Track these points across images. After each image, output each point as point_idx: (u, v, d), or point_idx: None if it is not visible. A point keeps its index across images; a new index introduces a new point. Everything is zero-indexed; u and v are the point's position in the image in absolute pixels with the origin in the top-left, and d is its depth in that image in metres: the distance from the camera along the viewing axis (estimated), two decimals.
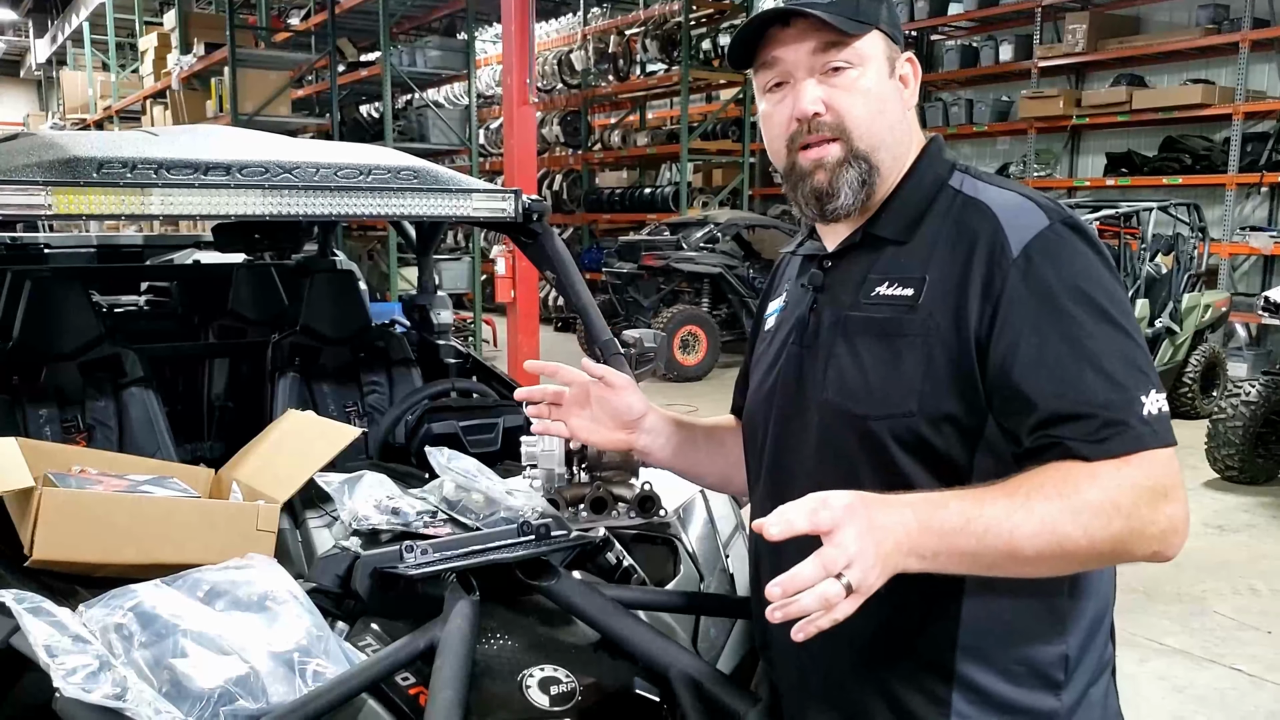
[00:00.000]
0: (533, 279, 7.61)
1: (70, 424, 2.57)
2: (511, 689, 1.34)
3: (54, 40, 18.63)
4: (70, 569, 1.57)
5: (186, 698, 1.19)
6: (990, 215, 1.15)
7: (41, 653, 1.16)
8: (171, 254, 4.61)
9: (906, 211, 1.21)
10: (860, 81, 1.18)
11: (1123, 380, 1.05)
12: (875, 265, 1.22)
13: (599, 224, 14.04)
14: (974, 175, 1.23)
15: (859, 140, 1.19)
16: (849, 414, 1.17)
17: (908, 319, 1.15)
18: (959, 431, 1.12)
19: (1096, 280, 1.10)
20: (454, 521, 1.66)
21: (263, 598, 1.35)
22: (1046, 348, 1.07)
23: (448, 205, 2.41)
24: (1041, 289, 1.09)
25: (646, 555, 1.84)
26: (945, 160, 1.25)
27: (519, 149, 7.44)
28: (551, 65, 13.35)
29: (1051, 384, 1.06)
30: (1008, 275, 1.10)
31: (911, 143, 1.24)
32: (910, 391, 1.13)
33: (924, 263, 1.17)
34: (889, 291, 1.18)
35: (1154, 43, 9.21)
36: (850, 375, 1.18)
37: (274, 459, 1.97)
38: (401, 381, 3.03)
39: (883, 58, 1.19)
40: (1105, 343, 1.06)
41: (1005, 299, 1.09)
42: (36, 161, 2.03)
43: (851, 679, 1.21)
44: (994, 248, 1.12)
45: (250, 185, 2.14)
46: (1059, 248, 1.11)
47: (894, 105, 1.21)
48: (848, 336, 1.20)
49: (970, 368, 1.11)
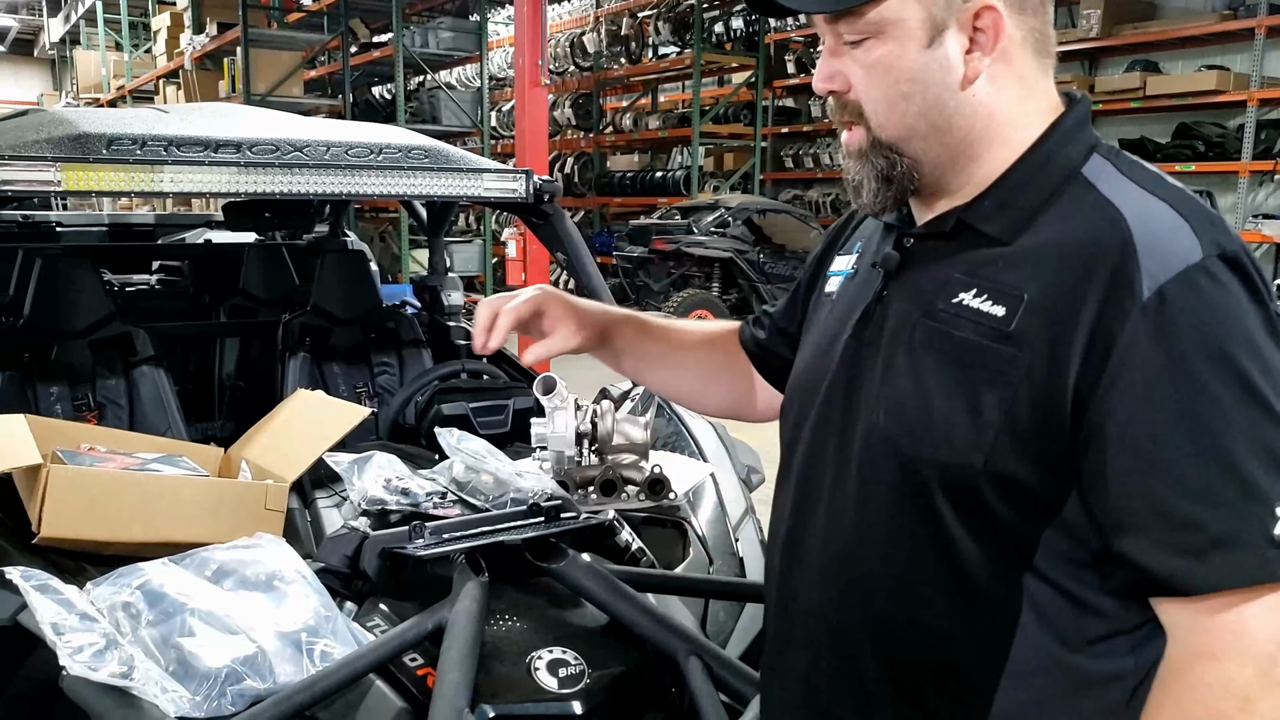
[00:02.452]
0: (544, 262, 7.59)
1: (81, 402, 2.57)
2: (520, 671, 1.33)
3: (67, 20, 18.63)
4: (78, 546, 1.57)
5: (193, 677, 1.19)
6: (1122, 228, 0.87)
7: (48, 630, 1.16)
8: (183, 233, 4.61)
9: (1018, 204, 0.94)
10: (876, 57, 0.95)
11: (1260, 484, 0.80)
12: (965, 262, 0.96)
13: (610, 207, 14.00)
14: (1120, 166, 0.95)
15: (878, 130, 0.97)
16: (897, 448, 0.95)
17: (992, 349, 0.90)
18: (1027, 502, 0.90)
19: (1251, 343, 0.83)
20: (463, 503, 1.66)
21: (270, 577, 1.35)
22: (1162, 432, 0.83)
23: (459, 185, 2.39)
24: (1173, 349, 0.82)
25: (656, 538, 1.82)
26: (1083, 139, 0.97)
27: (530, 131, 7.41)
28: (564, 47, 13.29)
29: (1155, 488, 0.82)
30: (1129, 319, 0.84)
31: (994, 121, 0.96)
32: (980, 439, 0.90)
33: (1027, 275, 0.90)
34: (976, 304, 0.93)
35: (1169, 28, 9.08)
36: (908, 400, 0.95)
37: (283, 438, 1.96)
38: (412, 362, 3.02)
39: (915, 23, 0.92)
40: (1245, 430, 0.81)
41: (1120, 352, 0.84)
42: (46, 138, 2.03)
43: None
44: (1117, 277, 0.85)
45: (260, 163, 2.13)
46: (1210, 294, 0.83)
47: (932, 83, 0.94)
48: (914, 349, 0.96)
49: (1060, 427, 0.87)
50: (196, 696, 1.17)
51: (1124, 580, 0.86)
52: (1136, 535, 0.83)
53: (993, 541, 0.92)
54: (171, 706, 1.15)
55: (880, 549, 0.98)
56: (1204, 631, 0.82)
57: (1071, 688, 0.93)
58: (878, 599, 0.99)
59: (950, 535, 0.93)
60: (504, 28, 13.94)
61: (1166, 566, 0.82)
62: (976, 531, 0.92)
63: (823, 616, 1.04)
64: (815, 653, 1.05)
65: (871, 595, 1.00)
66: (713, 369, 1.36)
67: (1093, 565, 0.89)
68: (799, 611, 1.07)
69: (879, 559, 0.98)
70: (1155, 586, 0.84)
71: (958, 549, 0.93)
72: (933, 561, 0.95)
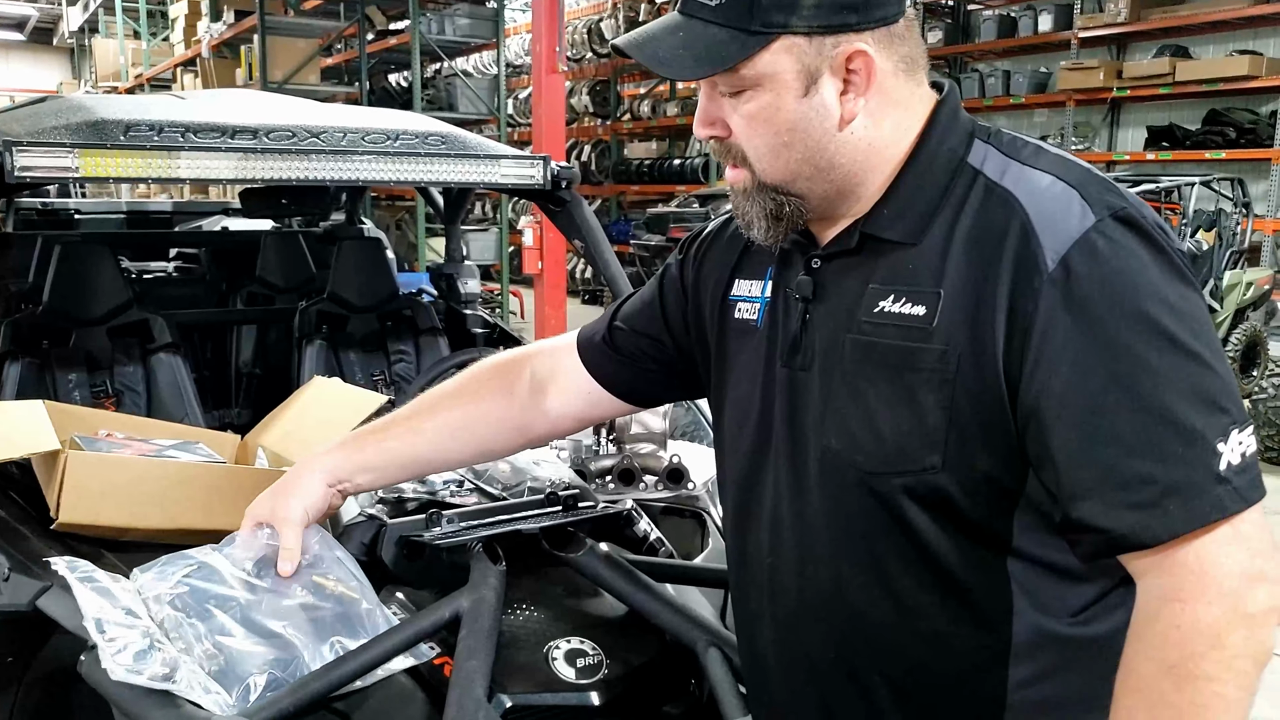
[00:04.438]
0: (560, 250, 7.58)
1: (99, 389, 2.58)
2: (537, 660, 1.32)
3: (85, 8, 18.74)
4: (96, 532, 1.56)
5: (232, 679, 1.16)
6: (1017, 210, 0.90)
7: (92, 627, 1.14)
8: (200, 221, 4.62)
9: (913, 206, 0.96)
10: (755, 108, 0.95)
11: (1197, 426, 0.83)
12: (878, 271, 0.97)
13: (627, 195, 13.96)
14: (1000, 146, 0.97)
15: (763, 175, 0.98)
16: (855, 468, 0.96)
17: (921, 350, 0.91)
18: (992, 491, 0.92)
19: (1159, 294, 0.85)
20: (480, 491, 1.65)
21: (309, 568, 1.31)
22: (1095, 400, 0.85)
23: (476, 171, 2.38)
24: (1088, 315, 0.85)
25: (674, 528, 1.81)
26: (959, 128, 0.99)
27: (547, 118, 7.39)
28: (581, 34, 13.23)
29: (1100, 454, 0.84)
30: (1040, 295, 0.86)
31: (875, 149, 0.97)
32: (931, 442, 0.91)
33: (938, 272, 0.92)
34: (896, 309, 0.94)
35: (1199, 12, 8.95)
36: (854, 419, 0.96)
37: (300, 425, 1.96)
38: (428, 350, 3.02)
39: (790, 75, 0.93)
40: (1173, 379, 0.84)
41: (1038, 328, 0.86)
42: (65, 124, 2.03)
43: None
44: (1022, 257, 0.88)
45: (277, 149, 2.12)
46: (1110, 255, 0.86)
47: (812, 131, 0.94)
48: (847, 366, 0.97)
49: (1001, 413, 0.89)
50: (233, 699, 1.14)
51: (1090, 545, 0.88)
52: (1091, 500, 0.85)
53: (971, 536, 0.93)
54: (216, 708, 1.12)
55: (863, 572, 0.99)
56: (1168, 575, 0.84)
57: (1073, 655, 0.95)
58: (873, 619, 0.99)
59: (927, 540, 0.94)
60: (521, 14, 13.89)
61: (1125, 523, 0.84)
62: (953, 530, 0.93)
63: (810, 656, 1.04)
64: (808, 692, 1.05)
65: (865, 617, 0.99)
66: (480, 416, 1.33)
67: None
68: (787, 656, 1.07)
69: (865, 582, 0.99)
70: (1119, 545, 0.86)
71: (939, 552, 0.94)
72: (918, 571, 0.96)
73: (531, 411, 1.33)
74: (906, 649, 0.99)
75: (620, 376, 1.29)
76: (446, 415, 1.33)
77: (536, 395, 1.32)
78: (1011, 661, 0.95)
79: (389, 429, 1.34)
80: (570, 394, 1.31)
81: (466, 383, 1.36)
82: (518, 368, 1.34)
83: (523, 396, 1.32)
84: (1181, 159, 8.89)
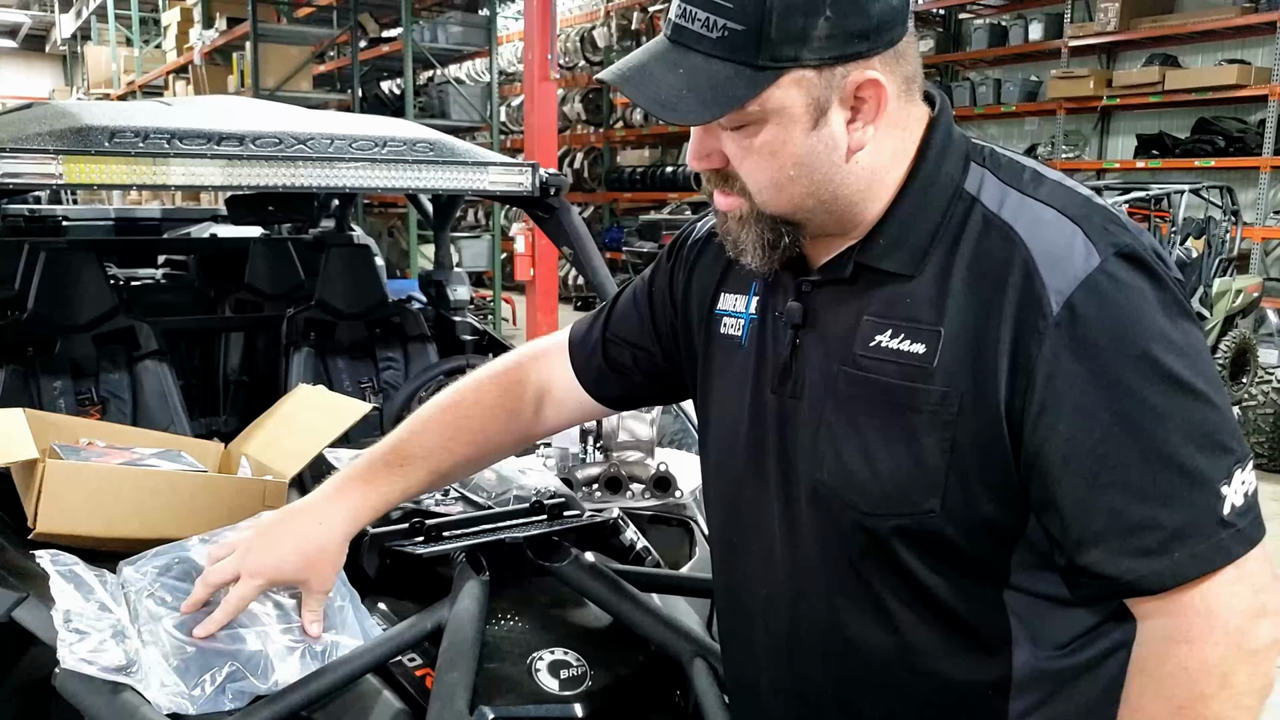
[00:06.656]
0: (552, 257, 7.57)
1: (84, 396, 2.56)
2: (521, 672, 1.31)
3: (78, 15, 18.72)
4: (74, 542, 1.54)
5: (194, 673, 1.16)
6: (1018, 246, 0.87)
7: (57, 619, 1.14)
8: (188, 227, 4.60)
9: (910, 236, 0.93)
10: (759, 143, 0.90)
11: (1201, 468, 0.82)
12: (872, 302, 0.94)
13: (620, 203, 13.97)
14: (998, 172, 0.94)
15: (763, 206, 0.94)
16: (851, 508, 0.94)
17: (922, 390, 0.89)
18: (991, 532, 0.90)
19: (1163, 334, 0.84)
20: (465, 500, 1.63)
21: None
22: (1100, 445, 0.83)
23: (464, 178, 2.37)
24: (1093, 360, 0.83)
25: (661, 537, 1.80)
26: (955, 150, 0.95)
27: (540, 126, 7.39)
28: (574, 42, 13.25)
29: (1106, 500, 0.83)
30: (1044, 339, 0.84)
31: (876, 175, 0.94)
32: (931, 484, 0.89)
33: (938, 308, 0.89)
34: (895, 345, 0.91)
35: (1188, 22, 9.00)
36: (850, 455, 0.93)
37: (284, 434, 1.94)
38: (417, 357, 3.01)
39: (799, 109, 0.88)
40: (1178, 421, 0.83)
41: (1043, 372, 0.84)
42: (49, 130, 2.01)
43: None
44: (1025, 298, 0.85)
45: (263, 156, 2.11)
46: (1115, 296, 0.84)
47: (819, 164, 0.91)
48: (842, 400, 0.94)
49: (1003, 456, 0.87)
50: (194, 692, 1.15)
51: (1093, 590, 0.88)
52: (1096, 547, 0.85)
53: (967, 573, 0.92)
54: (166, 702, 1.13)
55: (860, 607, 0.97)
56: (1175, 617, 0.85)
57: (1070, 681, 0.95)
58: (871, 654, 0.98)
59: (922, 577, 0.93)
60: (513, 22, 13.91)
61: (1131, 571, 0.84)
62: (949, 569, 0.92)
63: (805, 689, 1.03)
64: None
65: (862, 652, 0.98)
66: (500, 417, 1.31)
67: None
68: (780, 687, 1.06)
69: (862, 617, 0.98)
70: (1124, 591, 0.86)
71: (935, 587, 0.93)
72: (915, 606, 0.95)
73: (533, 425, 1.34)
74: (905, 683, 0.97)
75: (613, 390, 1.31)
76: (465, 451, 1.30)
77: (537, 410, 1.33)
78: (1013, 693, 0.94)
79: (406, 469, 1.27)
80: (565, 405, 1.33)
81: (473, 414, 1.30)
82: (519, 388, 1.32)
83: (528, 416, 1.32)
84: (1171, 167, 8.94)
